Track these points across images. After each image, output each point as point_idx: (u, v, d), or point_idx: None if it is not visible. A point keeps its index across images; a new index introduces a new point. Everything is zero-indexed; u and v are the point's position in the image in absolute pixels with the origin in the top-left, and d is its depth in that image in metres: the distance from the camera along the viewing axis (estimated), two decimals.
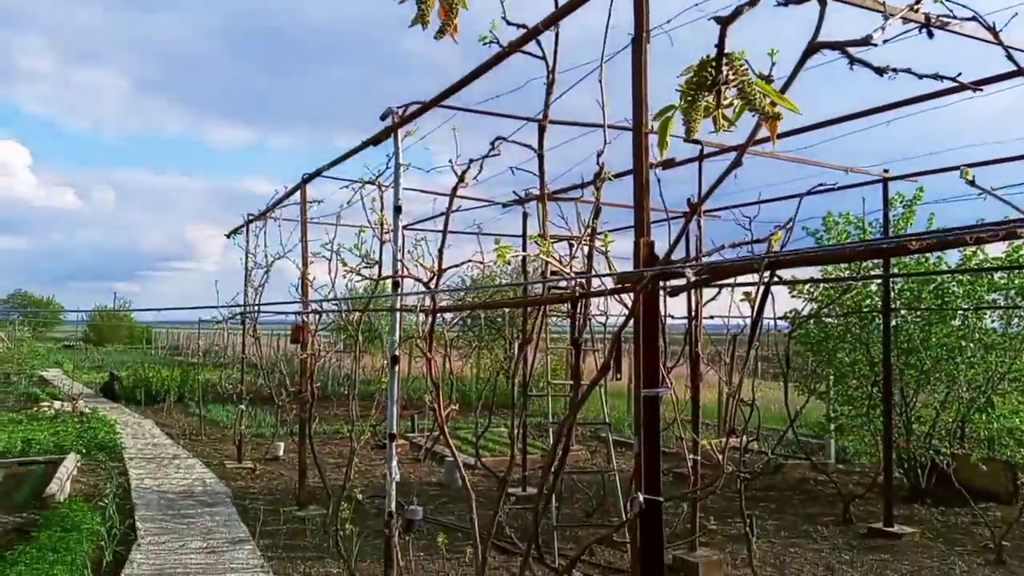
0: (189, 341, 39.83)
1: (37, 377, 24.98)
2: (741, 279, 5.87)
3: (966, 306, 9.05)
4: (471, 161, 4.30)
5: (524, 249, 10.24)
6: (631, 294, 3.14)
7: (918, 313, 9.33)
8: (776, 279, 2.32)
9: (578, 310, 3.56)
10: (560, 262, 3.18)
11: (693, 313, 7.46)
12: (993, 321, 9.39)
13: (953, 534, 7.94)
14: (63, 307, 63.66)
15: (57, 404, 16.88)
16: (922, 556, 7.18)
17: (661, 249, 3.10)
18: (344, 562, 6.26)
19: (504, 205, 8.74)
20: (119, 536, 7.14)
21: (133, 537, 7.24)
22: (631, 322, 3.13)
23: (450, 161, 4.50)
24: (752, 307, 2.54)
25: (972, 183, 1.88)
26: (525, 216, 9.20)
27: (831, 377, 10.58)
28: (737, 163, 2.44)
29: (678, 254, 3.13)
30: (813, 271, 10.09)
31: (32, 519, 7.58)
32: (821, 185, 5.96)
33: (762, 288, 2.31)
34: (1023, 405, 9.37)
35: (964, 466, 9.05)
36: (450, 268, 4.75)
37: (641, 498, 2.94)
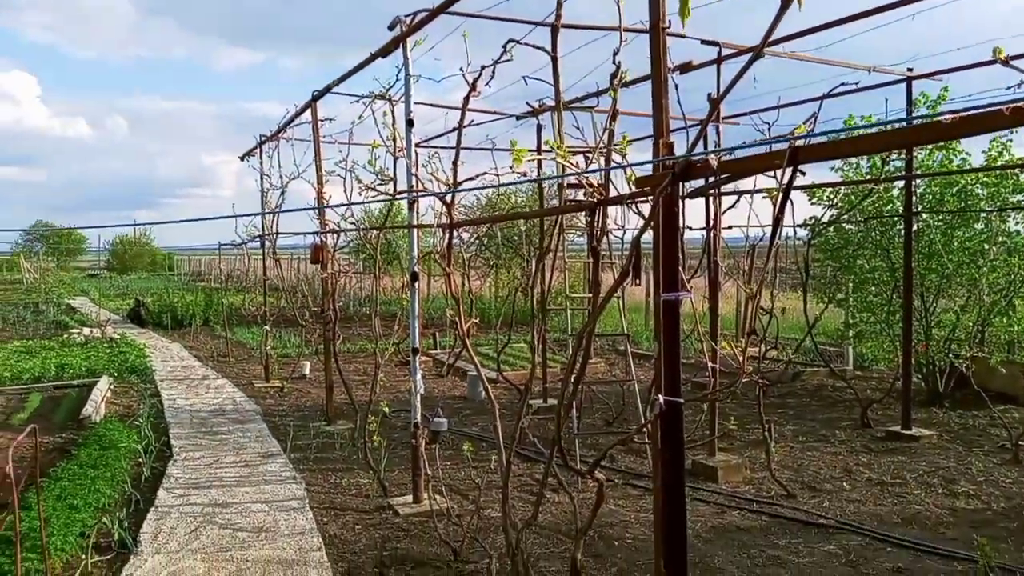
0: (211, 266, 40.31)
1: (65, 305, 25.47)
2: (760, 184, 5.79)
3: (989, 208, 8.90)
4: (483, 68, 4.20)
5: (539, 164, 10.13)
6: (649, 203, 3.11)
7: (940, 217, 9.20)
8: (800, 173, 2.27)
9: (596, 219, 3.53)
10: (576, 167, 3.13)
11: (712, 222, 7.39)
12: (1017, 223, 9.24)
13: (970, 436, 8.04)
14: (85, 236, 64.43)
15: (86, 331, 17.25)
16: (939, 457, 7.29)
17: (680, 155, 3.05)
18: (373, 472, 6.48)
19: (518, 117, 8.60)
20: (155, 453, 7.40)
21: (168, 454, 7.51)
22: (649, 229, 3.11)
23: (461, 69, 4.40)
24: (774, 206, 2.51)
25: (1007, 63, 1.80)
26: (539, 129, 9.05)
27: (850, 284, 10.54)
28: (758, 55, 2.36)
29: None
30: (833, 176, 9.94)
31: (71, 439, 7.86)
32: (843, 85, 5.82)
33: (785, 181, 2.27)
34: None
35: (983, 369, 9.09)
36: (465, 181, 4.71)
37: (661, 400, 2.98)
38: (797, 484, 6.55)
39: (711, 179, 2.80)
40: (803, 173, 2.29)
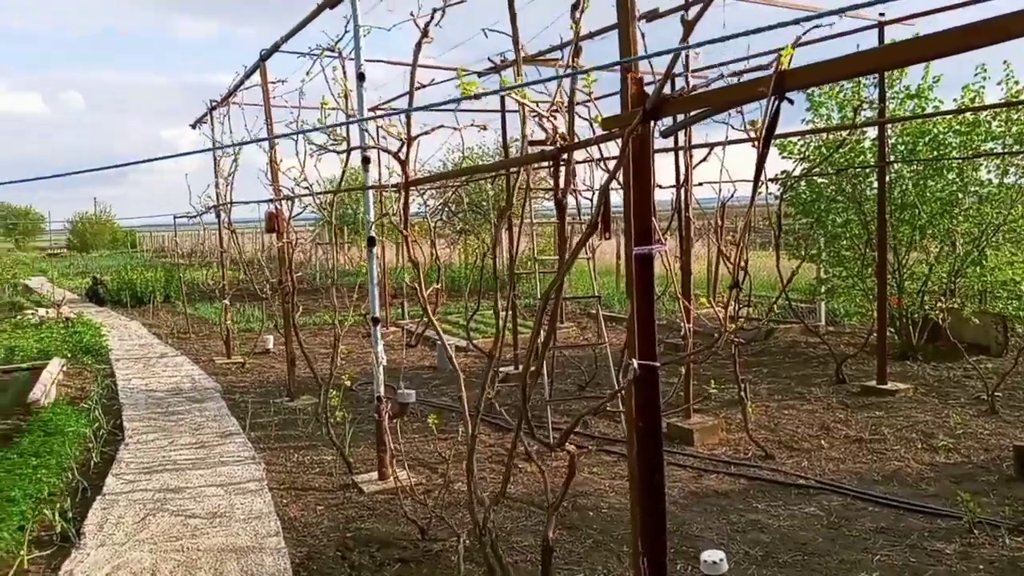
0: (174, 242, 39.34)
1: (21, 286, 24.64)
2: (733, 135, 5.51)
3: (962, 156, 8.73)
4: (433, 11, 3.85)
5: (503, 119, 9.76)
6: (618, 149, 2.81)
7: (913, 167, 9.02)
8: (788, 101, 1.99)
9: (560, 168, 3.23)
10: (539, 111, 2.82)
11: (684, 177, 7.12)
12: (989, 172, 9.10)
13: (946, 388, 7.95)
14: (43, 215, 62.86)
15: (42, 311, 16.62)
16: (916, 411, 7.18)
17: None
18: (336, 448, 6.19)
19: (480, 74, 8.21)
20: (106, 436, 7.03)
21: (121, 437, 7.14)
22: (618, 186, 2.81)
23: (411, 14, 4.04)
24: (757, 142, 2.23)
25: None
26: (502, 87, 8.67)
27: (822, 239, 10.38)
28: None
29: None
30: (803, 127, 9.70)
31: (17, 425, 7.44)
32: (816, 27, 5.53)
33: (771, 111, 1.99)
34: (1016, 257, 9.23)
35: (956, 321, 8.99)
36: (421, 135, 4.37)
37: (635, 364, 2.72)
38: (774, 444, 6.40)
39: (683, 117, 2.50)
40: (791, 102, 2.01)
